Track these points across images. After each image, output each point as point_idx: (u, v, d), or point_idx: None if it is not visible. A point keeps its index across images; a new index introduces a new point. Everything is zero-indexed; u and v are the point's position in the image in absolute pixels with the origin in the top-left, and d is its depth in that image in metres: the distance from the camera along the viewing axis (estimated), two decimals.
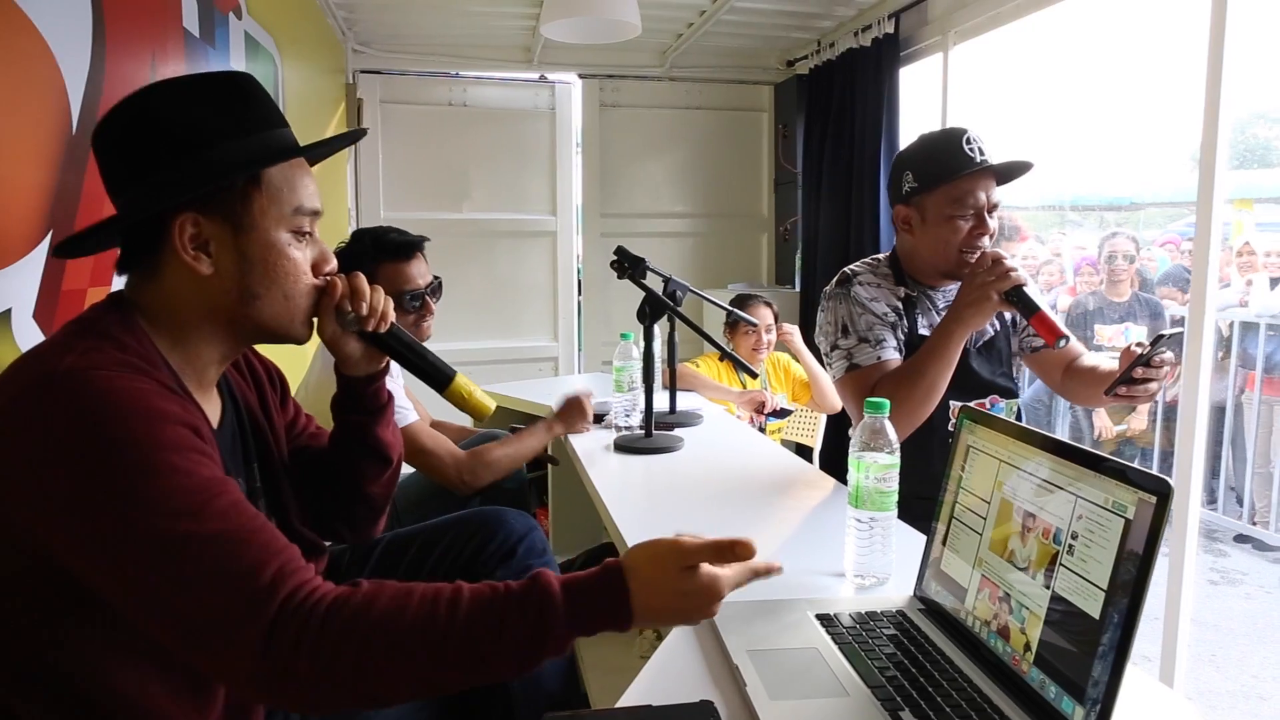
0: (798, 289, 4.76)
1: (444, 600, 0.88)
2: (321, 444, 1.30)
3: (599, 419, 2.43)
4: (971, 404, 1.86)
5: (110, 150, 1.00)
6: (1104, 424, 4.71)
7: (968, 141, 1.76)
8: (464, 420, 3.17)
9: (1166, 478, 0.81)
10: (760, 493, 1.80)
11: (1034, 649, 0.93)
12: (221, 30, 2.17)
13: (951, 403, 1.83)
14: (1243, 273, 4.81)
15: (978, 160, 1.75)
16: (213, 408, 1.09)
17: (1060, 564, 0.92)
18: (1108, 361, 1.89)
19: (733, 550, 0.95)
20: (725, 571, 0.95)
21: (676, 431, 2.28)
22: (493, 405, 1.26)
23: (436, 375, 1.21)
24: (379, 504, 1.32)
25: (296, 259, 1.05)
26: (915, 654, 1.04)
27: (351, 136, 1.20)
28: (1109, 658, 0.82)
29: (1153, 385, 1.61)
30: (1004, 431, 1.09)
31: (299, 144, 1.07)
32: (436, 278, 2.20)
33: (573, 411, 2.22)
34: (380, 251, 2.03)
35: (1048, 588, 0.93)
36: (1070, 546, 0.91)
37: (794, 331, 3.49)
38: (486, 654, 0.87)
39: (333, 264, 1.12)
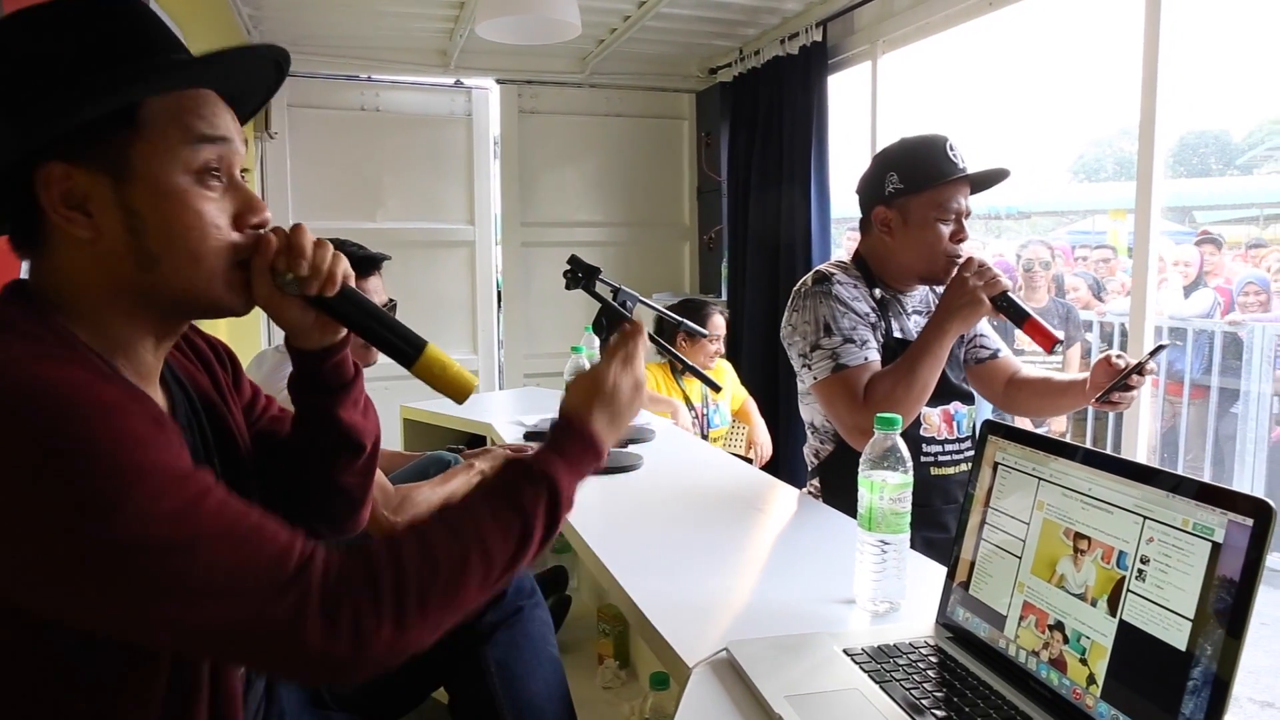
0: (724, 298, 4.72)
1: (458, 514, 0.84)
2: (285, 428, 1.10)
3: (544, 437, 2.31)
4: (936, 410, 1.84)
5: None
6: (1024, 425, 4.82)
7: (950, 148, 1.77)
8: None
9: (1266, 498, 0.75)
10: (733, 511, 1.71)
11: (1100, 681, 0.87)
12: None
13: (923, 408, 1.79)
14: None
15: (960, 166, 1.76)
16: (157, 399, 0.90)
17: (1129, 590, 0.86)
18: (1058, 375, 1.95)
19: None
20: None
21: (632, 448, 2.18)
22: (475, 379, 1.08)
23: (403, 348, 0.97)
24: (358, 494, 1.12)
25: (201, 209, 0.83)
26: (959, 688, 0.97)
27: (274, 56, 0.93)
28: (1203, 693, 0.76)
29: (1134, 392, 1.67)
30: (1042, 447, 1.03)
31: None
32: (391, 300, 2.05)
33: (496, 459, 2.11)
34: None
35: (1114, 616, 0.87)
36: (1140, 572, 0.85)
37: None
38: (524, 537, 0.85)
39: (262, 214, 0.90)
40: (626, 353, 1.01)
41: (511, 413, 2.77)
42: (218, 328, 1.01)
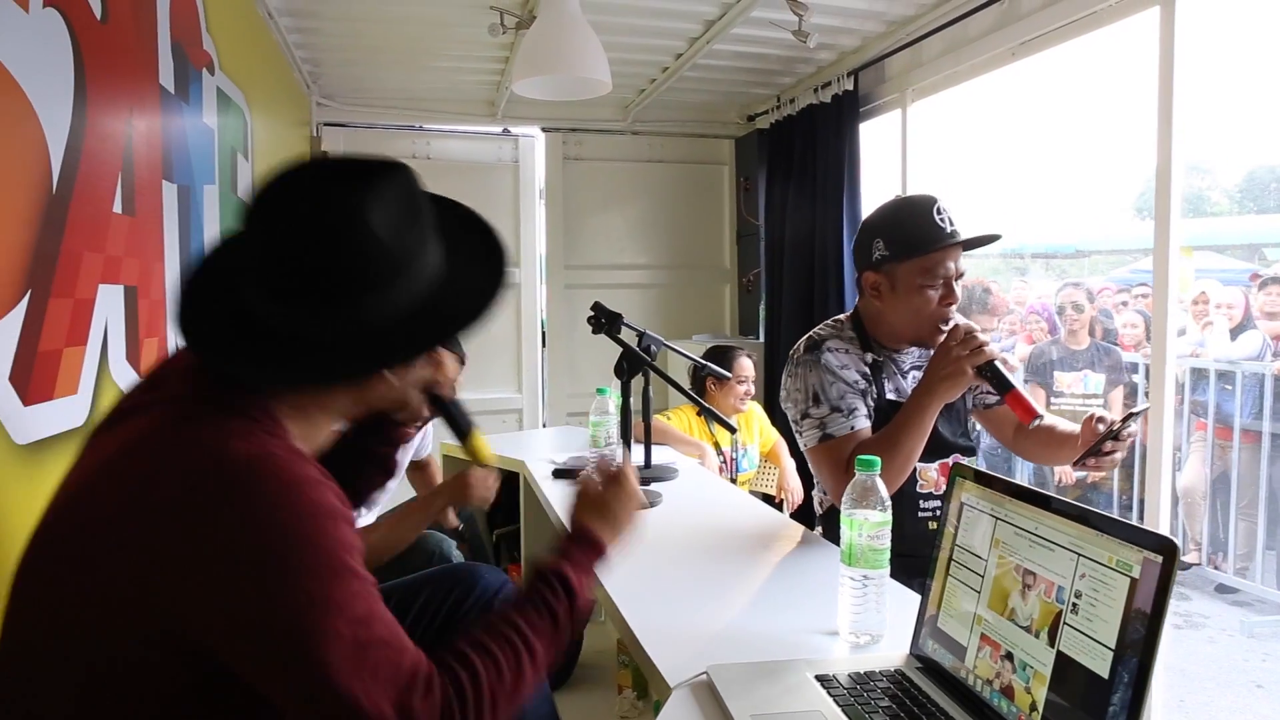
0: (762, 340, 4.81)
1: (504, 625, 1.02)
2: None
3: (573, 475, 2.41)
4: (934, 465, 1.88)
5: (303, 257, 0.95)
6: (1064, 470, 4.78)
7: (938, 212, 1.76)
8: None
9: (1171, 536, 0.82)
10: (742, 547, 1.79)
11: (1040, 709, 0.93)
12: (195, 86, 2.15)
13: (918, 464, 1.82)
14: (1198, 320, 4.96)
15: (948, 231, 1.76)
16: None
17: (1064, 623, 0.93)
18: (1064, 423, 1.93)
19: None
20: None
21: (654, 486, 2.26)
22: (495, 458, 1.41)
23: (463, 427, 1.40)
24: (370, 505, 1.50)
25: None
26: (918, 714, 1.03)
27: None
28: (1121, 718, 0.83)
29: (1118, 455, 1.66)
30: (999, 489, 1.10)
31: None
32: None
33: (459, 487, 2.23)
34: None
35: (1052, 646, 0.94)
36: (1074, 605, 0.92)
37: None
38: (557, 639, 1.05)
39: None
40: (623, 482, 1.26)
41: (545, 450, 2.87)
42: None
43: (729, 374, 2.98)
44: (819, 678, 1.12)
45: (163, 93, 1.89)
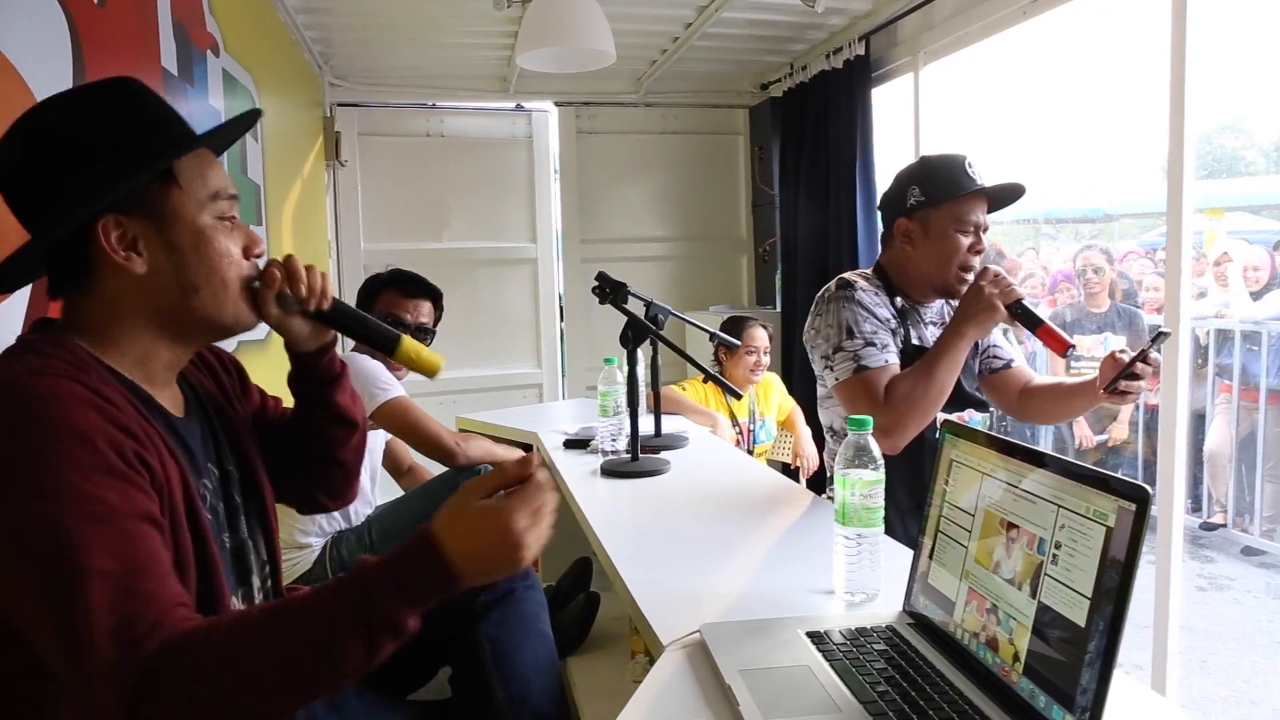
0: (778, 309, 4.80)
1: (271, 620, 0.88)
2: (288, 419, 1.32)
3: (584, 445, 2.44)
4: (952, 416, 1.91)
5: (12, 177, 0.99)
6: (1084, 434, 4.75)
7: (969, 166, 1.88)
8: None
9: (1145, 484, 0.82)
10: (747, 512, 1.81)
11: (1023, 659, 0.94)
12: (200, 68, 2.17)
13: (939, 415, 1.85)
14: (1220, 282, 4.88)
15: (978, 183, 1.86)
16: (173, 399, 1.09)
17: (1045, 574, 0.93)
18: (1068, 379, 2.00)
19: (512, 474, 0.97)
20: (512, 500, 0.94)
21: (662, 454, 2.28)
22: (441, 361, 1.25)
23: (385, 340, 1.23)
24: (352, 467, 1.34)
25: (225, 243, 1.06)
26: (906, 668, 1.05)
27: (249, 118, 1.17)
28: (1096, 665, 0.83)
29: (1143, 381, 1.73)
30: (985, 444, 1.10)
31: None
32: (431, 330, 2.49)
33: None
34: (390, 283, 2.44)
35: (1034, 598, 0.94)
36: (1054, 556, 0.93)
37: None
38: (330, 650, 0.86)
39: (262, 246, 1.13)
40: (531, 500, 0.95)
41: (559, 422, 2.90)
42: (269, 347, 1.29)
43: (737, 342, 2.99)
44: (810, 634, 1.14)
45: (165, 75, 1.91)
